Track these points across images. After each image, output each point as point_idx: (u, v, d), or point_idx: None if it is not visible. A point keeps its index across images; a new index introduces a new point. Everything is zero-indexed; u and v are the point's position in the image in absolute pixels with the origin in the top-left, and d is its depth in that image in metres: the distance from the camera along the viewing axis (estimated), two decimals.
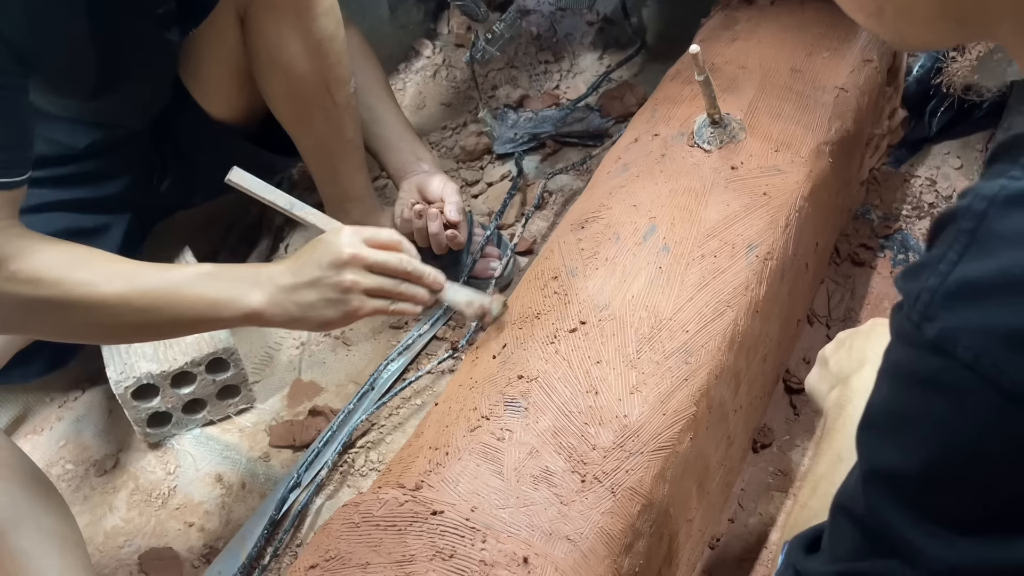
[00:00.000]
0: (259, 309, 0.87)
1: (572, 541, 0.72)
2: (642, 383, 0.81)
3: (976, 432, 0.41)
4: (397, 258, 0.89)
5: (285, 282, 0.87)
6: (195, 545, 1.13)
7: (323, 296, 0.87)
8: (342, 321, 0.89)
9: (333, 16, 1.11)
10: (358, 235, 0.88)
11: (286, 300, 0.87)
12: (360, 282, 0.87)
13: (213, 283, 0.88)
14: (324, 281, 0.86)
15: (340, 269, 0.86)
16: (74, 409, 1.29)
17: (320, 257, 0.87)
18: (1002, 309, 0.39)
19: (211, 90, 1.19)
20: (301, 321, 0.88)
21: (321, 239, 0.89)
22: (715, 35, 1.18)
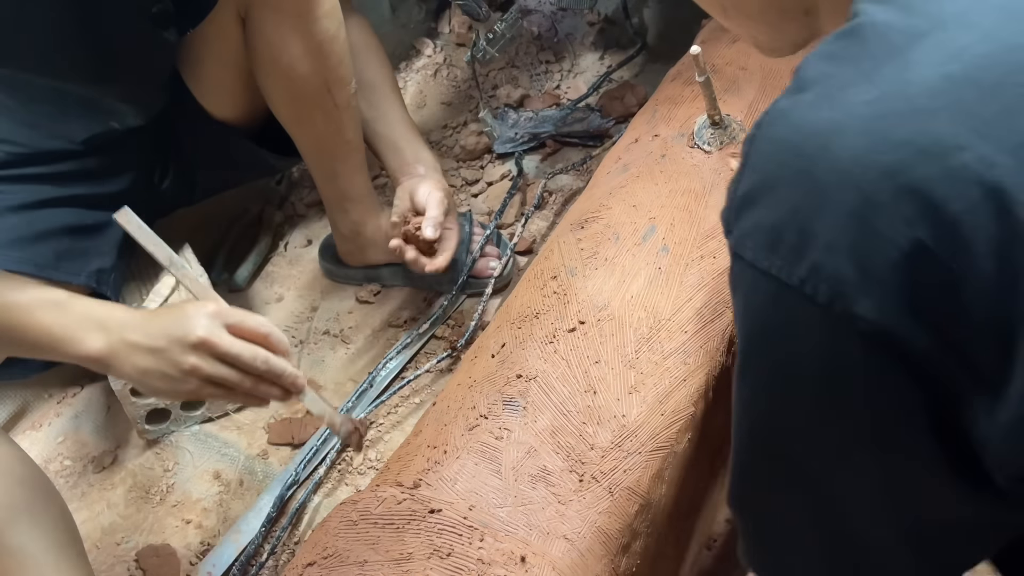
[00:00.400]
0: (95, 355, 0.86)
1: (570, 540, 0.72)
2: (641, 383, 0.81)
3: (762, 317, 0.48)
4: (252, 353, 0.84)
5: (131, 338, 0.85)
6: (193, 542, 1.13)
7: (160, 368, 0.84)
8: (173, 396, 0.88)
9: (335, 17, 1.11)
10: (220, 318, 0.85)
11: (124, 356, 0.85)
12: (201, 368, 0.83)
13: (59, 316, 0.86)
14: (166, 355, 0.84)
15: (185, 349, 0.83)
16: (73, 405, 1.29)
17: (172, 328, 0.84)
18: (763, 211, 0.46)
19: (212, 89, 1.19)
20: (135, 383, 0.87)
21: (184, 307, 0.86)
22: (716, 36, 1.18)
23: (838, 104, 0.44)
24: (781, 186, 0.45)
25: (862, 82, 0.44)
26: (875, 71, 0.44)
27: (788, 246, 0.44)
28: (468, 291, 1.34)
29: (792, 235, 0.44)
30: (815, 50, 0.48)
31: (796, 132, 0.45)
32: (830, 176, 0.43)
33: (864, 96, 0.44)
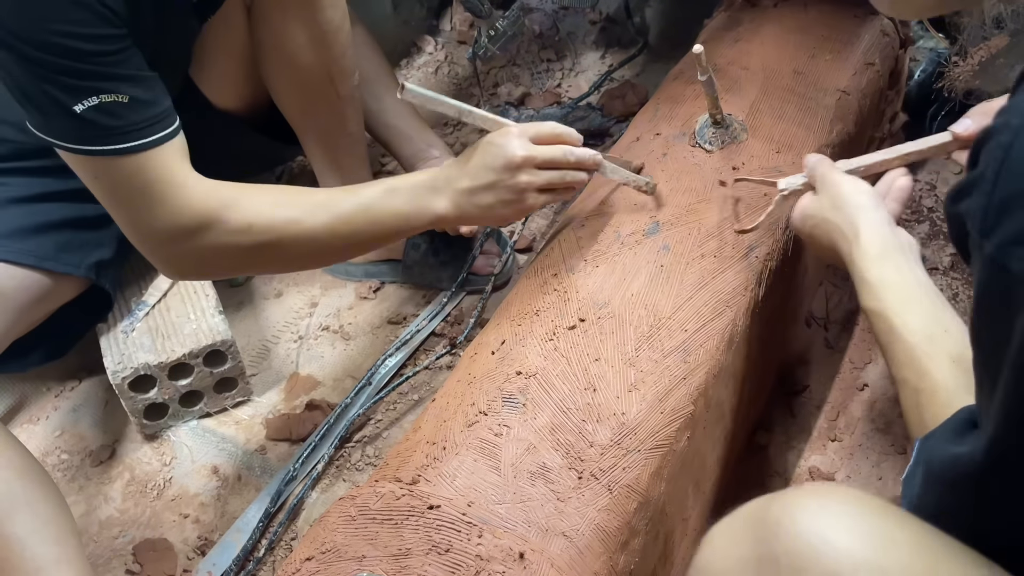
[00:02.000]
0: (442, 214, 0.94)
1: (568, 537, 0.72)
2: (640, 381, 0.81)
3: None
4: (562, 151, 0.93)
5: (464, 186, 0.93)
6: (190, 537, 1.13)
7: (500, 198, 0.92)
8: (517, 216, 0.96)
9: (339, 8, 1.12)
10: (525, 134, 0.93)
11: (466, 203, 0.93)
12: (533, 182, 0.92)
13: (400, 197, 0.94)
14: (501, 184, 0.92)
15: (515, 172, 0.91)
16: (71, 399, 1.29)
17: (494, 160, 0.92)
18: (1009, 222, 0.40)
19: (216, 79, 1.19)
20: (480, 219, 0.96)
21: (491, 141, 0.93)
22: (718, 36, 1.19)
23: None
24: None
25: None
26: None
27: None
28: (468, 288, 1.34)
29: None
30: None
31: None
32: None
33: None
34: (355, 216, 0.94)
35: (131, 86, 0.86)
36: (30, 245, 1.10)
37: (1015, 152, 0.42)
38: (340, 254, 1.06)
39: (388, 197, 0.95)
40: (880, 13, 1.18)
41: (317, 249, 0.95)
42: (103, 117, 0.84)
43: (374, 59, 1.32)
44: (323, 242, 0.94)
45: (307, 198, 0.95)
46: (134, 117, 0.86)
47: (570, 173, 0.94)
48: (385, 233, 0.97)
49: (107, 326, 1.22)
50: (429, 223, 0.96)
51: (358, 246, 1.00)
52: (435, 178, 0.95)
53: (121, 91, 0.85)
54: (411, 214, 0.94)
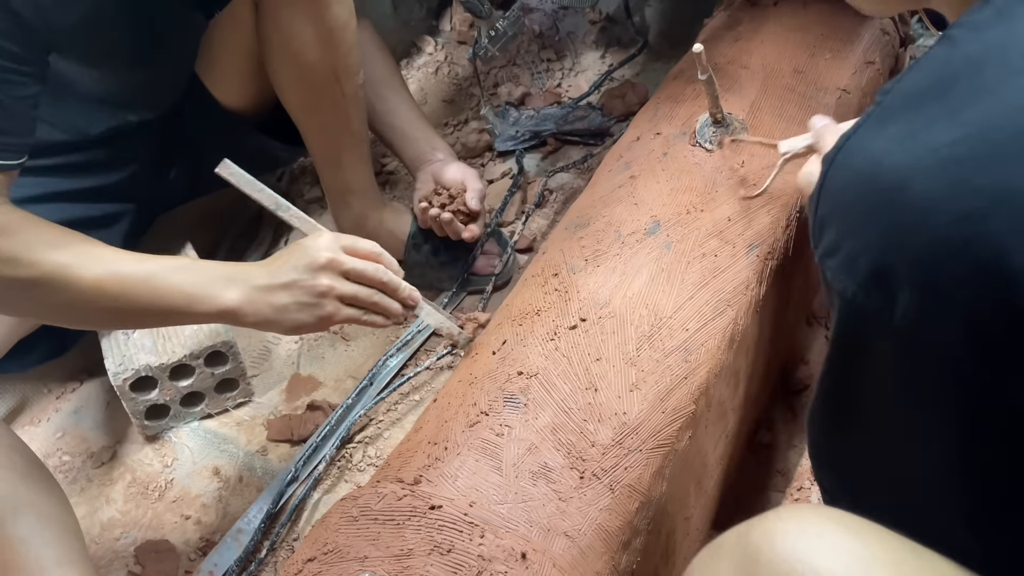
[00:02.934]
0: (233, 307, 0.88)
1: (570, 537, 0.72)
2: (642, 380, 0.81)
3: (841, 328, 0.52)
4: (374, 267, 0.90)
5: (261, 282, 0.88)
6: (191, 538, 1.13)
7: (297, 299, 0.88)
8: (315, 326, 0.89)
9: (346, 5, 1.12)
10: (338, 241, 0.89)
11: (260, 300, 0.88)
12: (335, 287, 0.88)
13: (189, 276, 0.88)
14: (299, 284, 0.87)
15: (316, 273, 0.87)
16: (72, 400, 1.29)
17: (298, 260, 0.88)
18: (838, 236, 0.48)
19: (222, 76, 1.19)
20: (274, 323, 0.89)
21: (301, 242, 0.90)
22: (718, 35, 1.18)
23: (921, 142, 0.45)
24: (856, 217, 0.47)
25: (947, 120, 0.45)
26: (962, 110, 0.45)
27: (861, 273, 0.47)
28: (469, 288, 1.34)
29: (865, 264, 0.46)
30: (903, 79, 0.48)
31: (876, 166, 0.46)
32: (905, 216, 0.44)
33: (947, 136, 0.44)
34: (132, 280, 0.87)
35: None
36: None
37: (828, 181, 0.49)
38: (109, 319, 0.96)
39: (175, 273, 0.89)
40: None
41: (80, 302, 0.86)
42: None
43: (380, 59, 1.31)
44: (88, 297, 0.86)
45: (91, 248, 0.88)
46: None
47: (378, 294, 0.90)
48: (163, 309, 0.89)
49: None
50: (216, 313, 0.89)
51: (131, 315, 0.91)
52: (235, 270, 0.90)
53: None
54: (195, 297, 0.88)
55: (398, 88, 1.32)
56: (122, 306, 0.87)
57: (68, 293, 0.85)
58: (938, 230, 0.43)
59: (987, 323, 0.44)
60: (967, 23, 0.48)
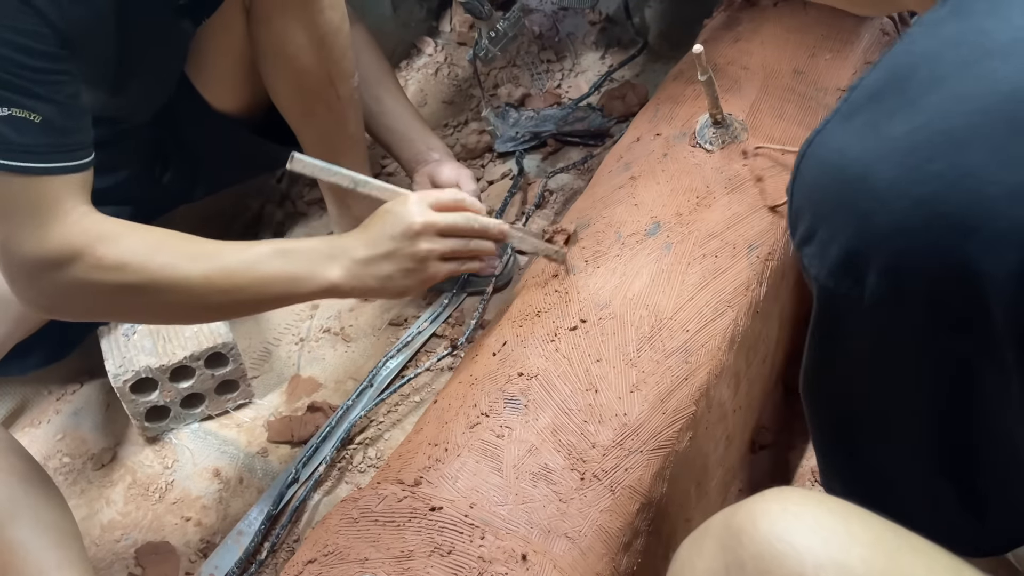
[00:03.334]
0: (337, 282, 0.89)
1: (571, 539, 0.72)
2: (642, 382, 0.81)
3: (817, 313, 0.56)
4: (464, 218, 0.90)
5: (361, 255, 0.89)
6: (192, 540, 1.13)
7: (400, 267, 0.89)
8: (419, 287, 0.91)
9: (339, 9, 1.11)
10: (425, 201, 0.90)
11: (363, 273, 0.89)
12: (435, 249, 0.89)
13: (291, 259, 0.89)
14: (400, 252, 0.88)
15: (414, 239, 0.88)
16: (72, 402, 1.29)
17: (393, 228, 0.89)
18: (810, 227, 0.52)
19: (215, 81, 1.19)
20: (379, 291, 0.91)
21: (389, 209, 0.90)
22: (718, 36, 1.18)
23: (881, 133, 0.48)
24: (825, 206, 0.50)
25: (905, 111, 0.48)
26: (918, 101, 0.47)
27: (833, 259, 0.50)
28: (469, 289, 1.33)
29: (836, 251, 0.49)
30: (867, 76, 0.51)
31: (841, 157, 0.49)
32: (868, 203, 0.47)
33: (905, 126, 0.47)
34: (238, 271, 0.88)
35: (49, 109, 0.82)
36: None
37: (800, 174, 0.53)
38: (218, 311, 0.97)
39: (278, 258, 0.89)
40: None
41: (191, 300, 0.88)
42: (7, 129, 0.81)
43: (375, 60, 1.32)
44: (198, 293, 0.87)
45: (191, 246, 0.89)
46: (40, 139, 0.82)
47: (474, 241, 0.91)
48: (270, 295, 0.90)
49: (108, 329, 1.22)
50: (321, 291, 0.90)
51: (239, 305, 0.92)
52: (332, 245, 0.90)
53: (37, 110, 0.81)
54: (300, 278, 0.89)
55: (392, 89, 1.32)
56: (232, 298, 0.89)
57: (178, 293, 0.87)
58: (899, 214, 0.46)
59: (948, 297, 0.47)
60: (924, 21, 0.51)
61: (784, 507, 0.49)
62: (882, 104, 0.49)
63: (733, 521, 0.51)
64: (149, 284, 0.86)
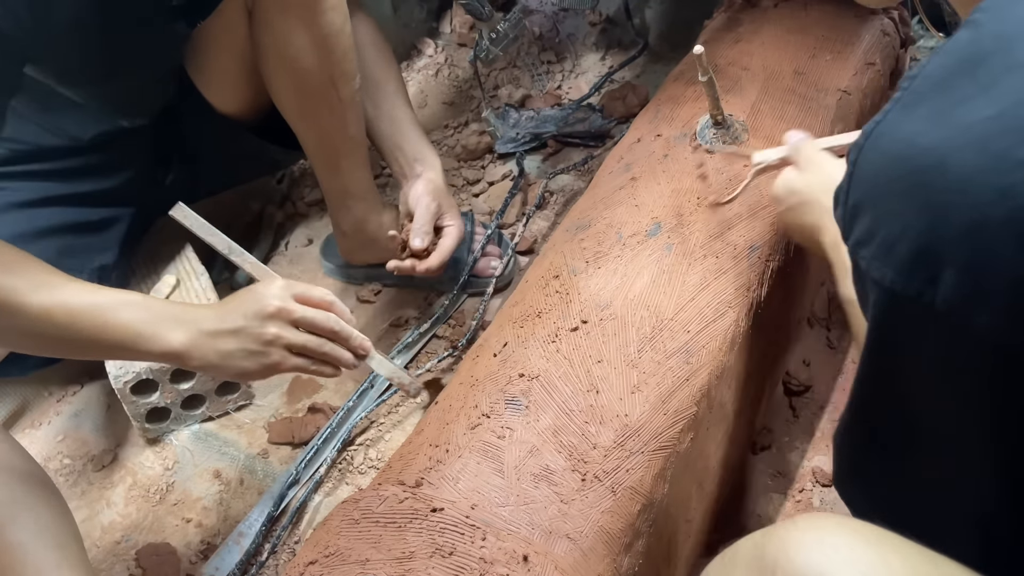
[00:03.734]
0: (178, 350, 0.87)
1: (572, 540, 0.72)
2: (643, 382, 0.81)
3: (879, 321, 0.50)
4: (324, 316, 0.90)
5: (208, 327, 0.88)
6: (192, 541, 1.12)
7: (243, 346, 0.88)
8: (260, 373, 0.90)
9: (341, 11, 1.11)
10: (288, 289, 0.90)
11: (206, 345, 0.88)
12: (282, 336, 0.88)
13: (138, 314, 0.87)
14: (247, 331, 0.88)
15: (264, 321, 0.88)
16: (72, 404, 1.28)
17: (247, 307, 0.88)
18: (873, 223, 0.47)
19: (217, 82, 1.19)
20: (219, 368, 0.89)
21: (252, 288, 0.90)
22: (718, 37, 1.18)
23: (955, 120, 0.44)
24: (892, 200, 0.46)
25: (979, 97, 0.44)
26: (994, 86, 0.44)
27: (900, 259, 0.45)
28: (469, 290, 1.33)
29: (904, 248, 0.45)
30: (927, 64, 0.47)
31: (909, 147, 0.45)
32: (944, 195, 0.43)
33: (981, 113, 0.43)
34: (79, 311, 0.86)
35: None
36: (32, 250, 1.09)
37: (859, 167, 0.48)
38: (53, 347, 0.94)
39: (125, 309, 0.87)
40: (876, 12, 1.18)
41: (25, 330, 0.86)
42: None
43: (381, 62, 1.28)
44: (34, 325, 0.85)
45: (39, 275, 0.86)
46: None
47: (328, 344, 0.91)
48: (109, 344, 0.87)
49: None
50: (161, 354, 0.88)
51: (75, 346, 0.89)
52: (183, 311, 0.90)
53: None
54: (142, 335, 0.87)
55: (392, 92, 1.29)
56: (68, 336, 0.86)
57: (14, 318, 0.84)
58: (979, 207, 0.42)
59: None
60: (989, 7, 0.47)
61: (819, 537, 0.48)
62: (952, 91, 0.45)
63: (766, 551, 0.49)
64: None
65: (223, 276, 1.38)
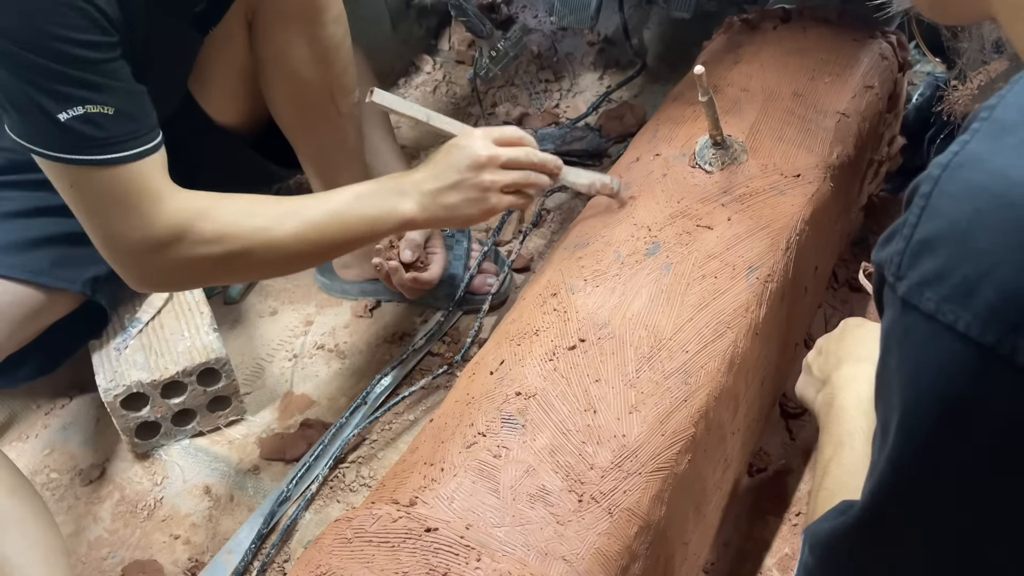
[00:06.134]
0: (411, 216, 0.96)
1: (568, 562, 0.71)
2: (641, 403, 0.80)
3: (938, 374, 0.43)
4: (525, 152, 0.97)
5: (429, 187, 0.95)
6: (180, 558, 1.11)
7: (465, 196, 0.95)
8: (482, 217, 0.97)
9: (341, 24, 1.11)
10: (489, 136, 0.96)
11: (432, 204, 0.95)
12: (497, 180, 0.95)
13: (368, 201, 0.96)
14: (465, 183, 0.95)
15: (479, 171, 0.94)
16: (61, 417, 1.27)
17: (459, 161, 0.95)
18: (950, 260, 0.42)
19: (216, 93, 1.18)
20: (446, 221, 0.97)
21: (455, 143, 0.96)
22: (718, 58, 1.19)
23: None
24: (978, 236, 0.41)
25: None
26: None
27: (985, 302, 0.40)
28: (465, 307, 1.33)
29: (991, 291, 0.40)
30: (1009, 92, 0.44)
31: (1001, 179, 0.41)
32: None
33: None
34: (324, 223, 0.95)
35: (118, 98, 0.86)
36: (25, 260, 1.09)
37: (934, 199, 0.44)
38: (310, 260, 1.06)
39: (356, 202, 0.96)
40: (874, 36, 1.19)
41: (286, 256, 0.96)
42: (87, 127, 0.84)
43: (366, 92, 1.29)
44: (293, 250, 0.95)
45: (277, 207, 0.96)
46: (117, 129, 0.86)
47: (532, 174, 0.97)
48: (356, 237, 0.98)
49: (100, 343, 1.20)
50: (398, 226, 0.97)
51: (328, 251, 1.02)
52: (401, 181, 0.97)
53: (108, 103, 0.85)
54: (379, 217, 0.96)
55: (379, 124, 1.32)
56: (320, 248, 0.97)
57: (273, 252, 0.94)
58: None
59: None
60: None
61: None
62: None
63: None
64: (247, 249, 0.92)
65: (216, 289, 1.37)
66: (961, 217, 0.42)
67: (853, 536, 0.52)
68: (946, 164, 0.43)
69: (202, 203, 0.92)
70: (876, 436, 0.49)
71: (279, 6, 1.08)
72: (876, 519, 0.49)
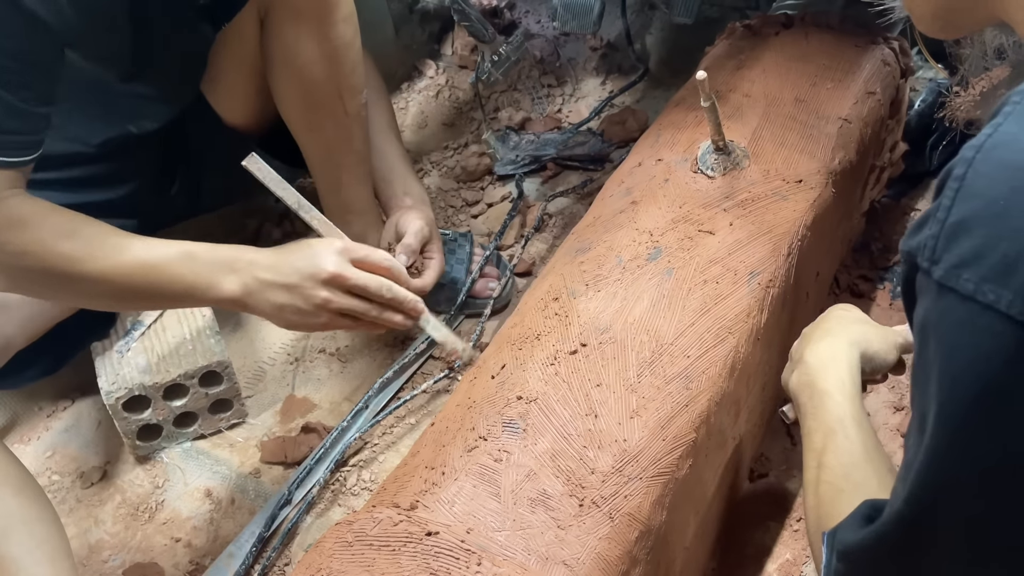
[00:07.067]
0: (231, 297, 0.91)
1: (569, 566, 0.71)
2: (642, 407, 0.80)
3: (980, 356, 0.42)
4: (378, 283, 0.91)
5: (263, 277, 0.90)
6: (181, 561, 1.11)
7: (294, 303, 0.90)
8: (306, 329, 0.93)
9: (351, 24, 1.11)
10: (347, 253, 0.90)
11: (259, 294, 0.90)
12: (333, 301, 0.90)
13: (191, 266, 0.90)
14: (299, 290, 0.89)
15: (317, 284, 0.89)
16: (63, 419, 1.27)
17: (303, 264, 0.89)
18: (987, 240, 0.42)
19: (225, 92, 1.18)
20: (269, 317, 0.92)
21: (312, 243, 0.91)
22: (720, 63, 1.19)
23: None
24: (1016, 214, 0.41)
25: None
26: None
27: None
28: (466, 311, 1.33)
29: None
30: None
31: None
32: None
33: None
34: (136, 272, 0.89)
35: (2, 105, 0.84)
36: None
37: (968, 180, 0.43)
38: (116, 304, 1.01)
39: (178, 261, 0.90)
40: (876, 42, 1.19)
41: (87, 293, 0.91)
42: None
43: (373, 97, 1.27)
44: (94, 289, 0.90)
45: (98, 238, 0.90)
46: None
47: (376, 309, 0.92)
48: (164, 297, 0.93)
49: (102, 346, 1.20)
50: (215, 301, 0.92)
51: (133, 301, 0.96)
52: (239, 258, 0.92)
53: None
54: (195, 286, 0.90)
55: (384, 128, 1.29)
56: (127, 294, 0.91)
57: (74, 285, 0.89)
58: None
59: None
60: None
61: None
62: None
63: None
64: (46, 272, 0.88)
65: None
66: (998, 196, 0.42)
67: (891, 539, 0.50)
68: (980, 146, 0.43)
69: (25, 212, 0.87)
70: (911, 432, 0.48)
71: (292, 3, 1.08)
72: (916, 518, 0.48)
